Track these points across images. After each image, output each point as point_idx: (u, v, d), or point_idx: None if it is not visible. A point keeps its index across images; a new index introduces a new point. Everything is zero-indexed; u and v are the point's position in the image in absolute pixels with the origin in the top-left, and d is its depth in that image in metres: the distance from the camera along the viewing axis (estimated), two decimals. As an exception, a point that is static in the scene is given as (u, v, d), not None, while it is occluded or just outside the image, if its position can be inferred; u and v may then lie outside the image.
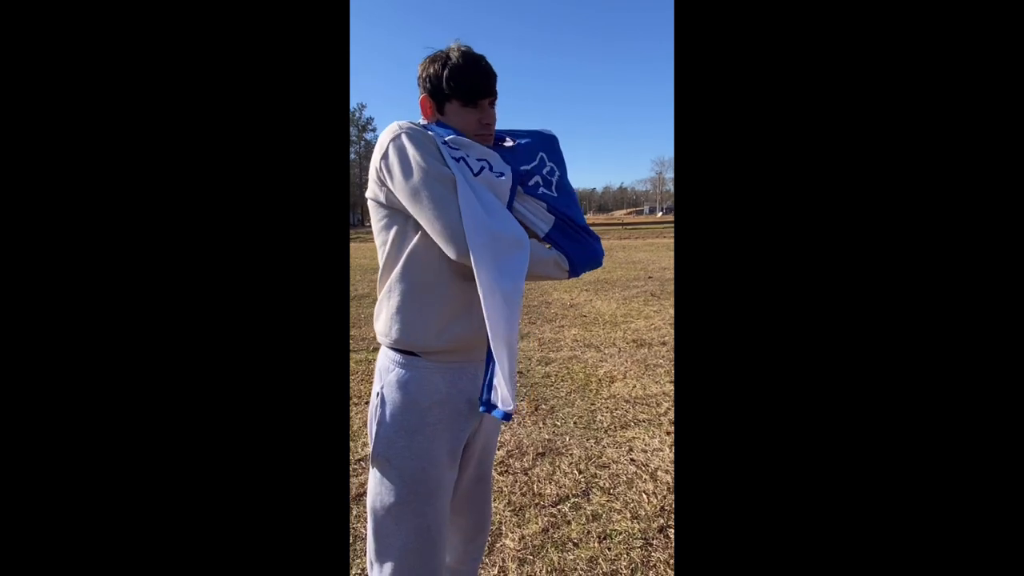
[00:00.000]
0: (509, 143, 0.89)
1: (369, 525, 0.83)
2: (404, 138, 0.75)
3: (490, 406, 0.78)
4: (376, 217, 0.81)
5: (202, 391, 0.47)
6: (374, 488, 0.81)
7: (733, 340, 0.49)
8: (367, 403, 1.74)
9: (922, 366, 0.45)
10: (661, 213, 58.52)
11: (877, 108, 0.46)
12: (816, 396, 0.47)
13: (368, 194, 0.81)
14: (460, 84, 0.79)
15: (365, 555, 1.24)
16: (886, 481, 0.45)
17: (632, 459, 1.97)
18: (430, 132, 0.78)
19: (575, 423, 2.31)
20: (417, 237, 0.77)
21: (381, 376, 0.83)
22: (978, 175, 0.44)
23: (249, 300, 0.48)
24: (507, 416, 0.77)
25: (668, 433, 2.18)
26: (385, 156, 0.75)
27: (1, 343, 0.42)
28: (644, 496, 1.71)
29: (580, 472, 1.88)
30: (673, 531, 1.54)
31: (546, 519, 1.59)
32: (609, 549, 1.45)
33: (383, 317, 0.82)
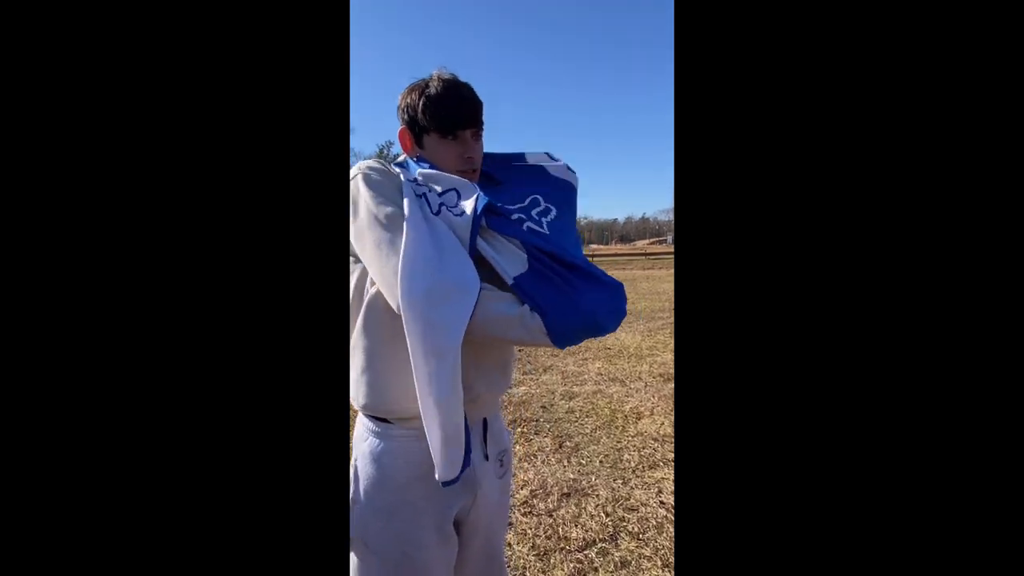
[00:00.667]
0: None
1: None
2: (359, 180, 0.67)
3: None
4: None
5: (200, 402, 0.46)
6: (354, 572, 0.73)
7: (736, 367, 0.48)
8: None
9: (929, 391, 0.43)
10: (685, 243, 57.81)
11: (891, 126, 0.45)
12: (821, 419, 0.45)
13: None
14: (437, 114, 0.71)
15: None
16: (889, 515, 0.43)
17: (662, 502, 1.88)
18: (396, 169, 0.72)
19: (601, 462, 2.23)
20: (376, 286, 0.68)
21: (356, 445, 0.75)
22: (987, 198, 0.42)
23: (246, 317, 0.48)
24: (445, 483, 0.66)
25: (699, 474, 2.09)
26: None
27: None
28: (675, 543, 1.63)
29: (607, 515, 1.80)
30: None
31: (572, 565, 1.53)
32: (640, 601, 1.37)
33: (351, 378, 0.72)
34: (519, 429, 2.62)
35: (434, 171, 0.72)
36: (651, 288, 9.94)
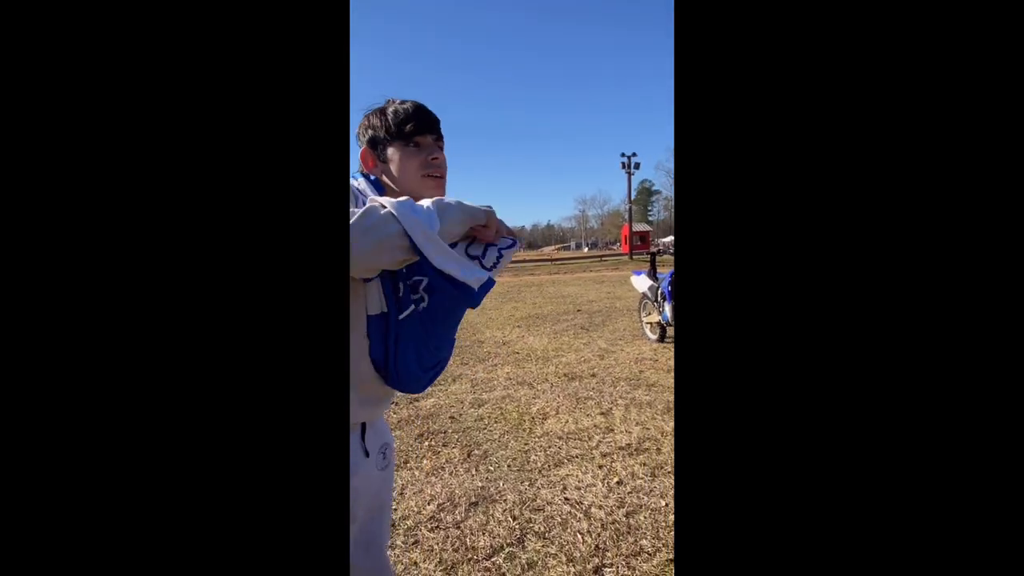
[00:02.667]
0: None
1: None
2: None
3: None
4: None
5: (201, 403, 0.45)
6: None
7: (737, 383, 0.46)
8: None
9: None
10: (587, 248, 61.25)
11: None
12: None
13: None
14: (398, 125, 0.75)
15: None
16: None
17: (566, 498, 1.95)
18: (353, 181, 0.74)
19: (509, 466, 2.25)
20: None
21: None
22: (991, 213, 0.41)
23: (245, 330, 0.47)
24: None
25: (600, 467, 2.20)
26: None
27: None
28: (579, 536, 1.69)
29: (514, 519, 1.82)
30: (609, 570, 1.52)
31: (480, 574, 1.51)
32: (545, 599, 1.40)
33: None
34: (427, 443, 2.56)
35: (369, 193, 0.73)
36: (557, 292, 10.33)
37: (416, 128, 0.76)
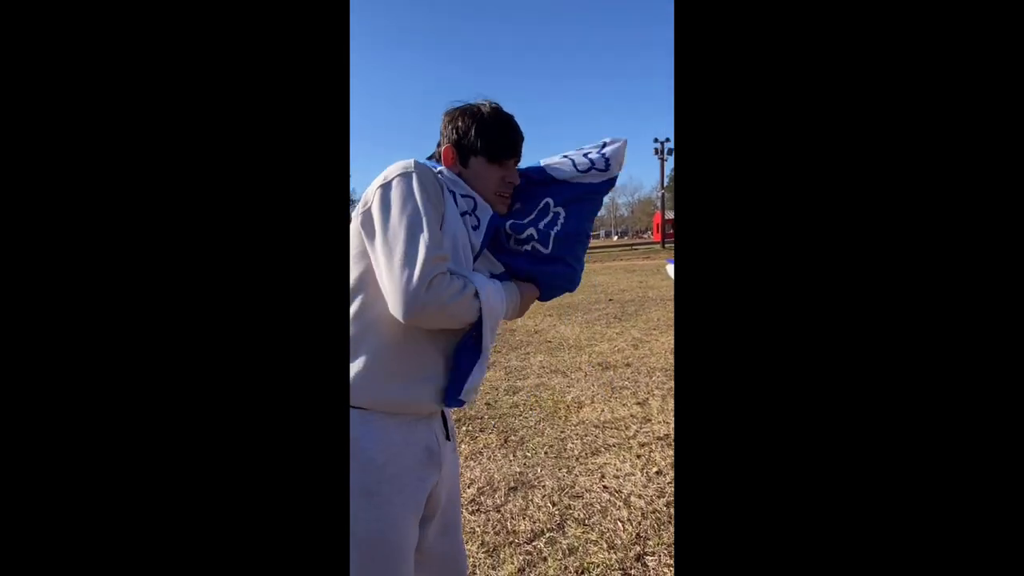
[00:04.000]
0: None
1: None
2: (414, 178, 0.71)
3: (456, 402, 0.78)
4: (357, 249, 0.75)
5: (202, 399, 0.46)
6: None
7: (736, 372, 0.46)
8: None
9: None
10: (617, 237, 60.43)
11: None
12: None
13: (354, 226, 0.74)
14: (489, 141, 0.80)
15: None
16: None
17: (605, 486, 1.95)
18: (438, 173, 0.77)
19: (546, 453, 2.27)
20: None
21: None
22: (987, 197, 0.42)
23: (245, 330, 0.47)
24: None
25: (638, 456, 2.19)
26: (387, 186, 0.71)
27: None
28: (619, 524, 1.69)
29: (554, 504, 1.84)
30: (651, 559, 1.52)
31: (522, 558, 1.54)
32: (588, 584, 1.41)
33: None
34: (464, 428, 2.60)
35: (460, 180, 0.81)
36: (586, 281, 10.23)
37: (504, 153, 0.81)
